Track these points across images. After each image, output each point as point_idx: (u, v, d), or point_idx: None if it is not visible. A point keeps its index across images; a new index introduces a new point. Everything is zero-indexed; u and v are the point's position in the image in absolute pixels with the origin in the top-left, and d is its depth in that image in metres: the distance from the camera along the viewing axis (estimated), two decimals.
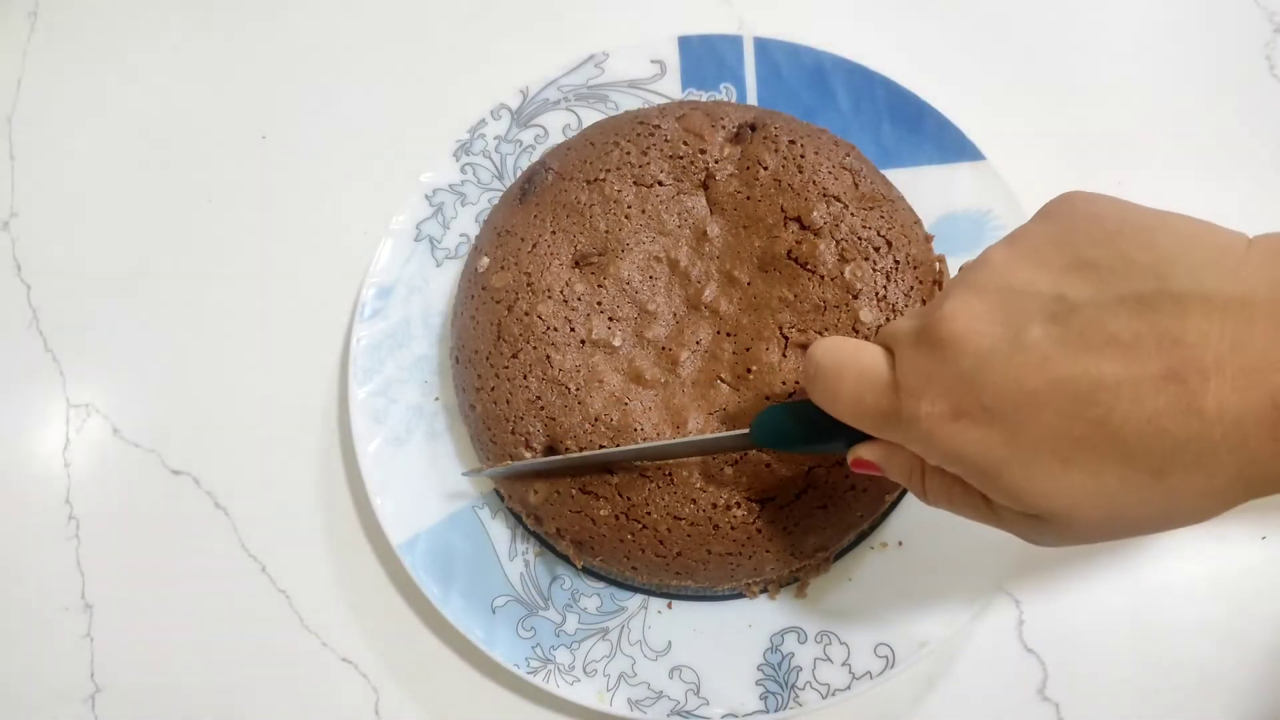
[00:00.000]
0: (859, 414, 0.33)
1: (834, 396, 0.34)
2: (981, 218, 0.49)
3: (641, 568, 0.43)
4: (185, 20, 0.61)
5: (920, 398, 0.30)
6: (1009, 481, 0.28)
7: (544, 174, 0.49)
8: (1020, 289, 0.28)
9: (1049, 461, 0.27)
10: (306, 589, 0.50)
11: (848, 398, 0.33)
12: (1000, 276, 0.29)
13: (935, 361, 0.29)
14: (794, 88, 0.53)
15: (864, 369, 0.32)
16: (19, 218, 0.58)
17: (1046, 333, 0.27)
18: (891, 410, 0.31)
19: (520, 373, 0.45)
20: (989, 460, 0.28)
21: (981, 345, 0.28)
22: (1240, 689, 0.45)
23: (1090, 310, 0.27)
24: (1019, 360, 0.27)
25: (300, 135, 0.59)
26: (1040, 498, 0.28)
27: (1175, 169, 0.54)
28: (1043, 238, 0.29)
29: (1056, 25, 0.58)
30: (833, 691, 0.43)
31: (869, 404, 0.32)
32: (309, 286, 0.55)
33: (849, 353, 0.33)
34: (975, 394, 0.28)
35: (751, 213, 0.46)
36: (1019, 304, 0.28)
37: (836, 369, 0.33)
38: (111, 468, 0.52)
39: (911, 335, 0.31)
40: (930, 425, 0.29)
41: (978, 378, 0.28)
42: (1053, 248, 0.28)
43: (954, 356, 0.29)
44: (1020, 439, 0.28)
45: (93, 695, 0.48)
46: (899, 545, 0.46)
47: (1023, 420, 0.27)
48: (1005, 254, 0.30)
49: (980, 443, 0.28)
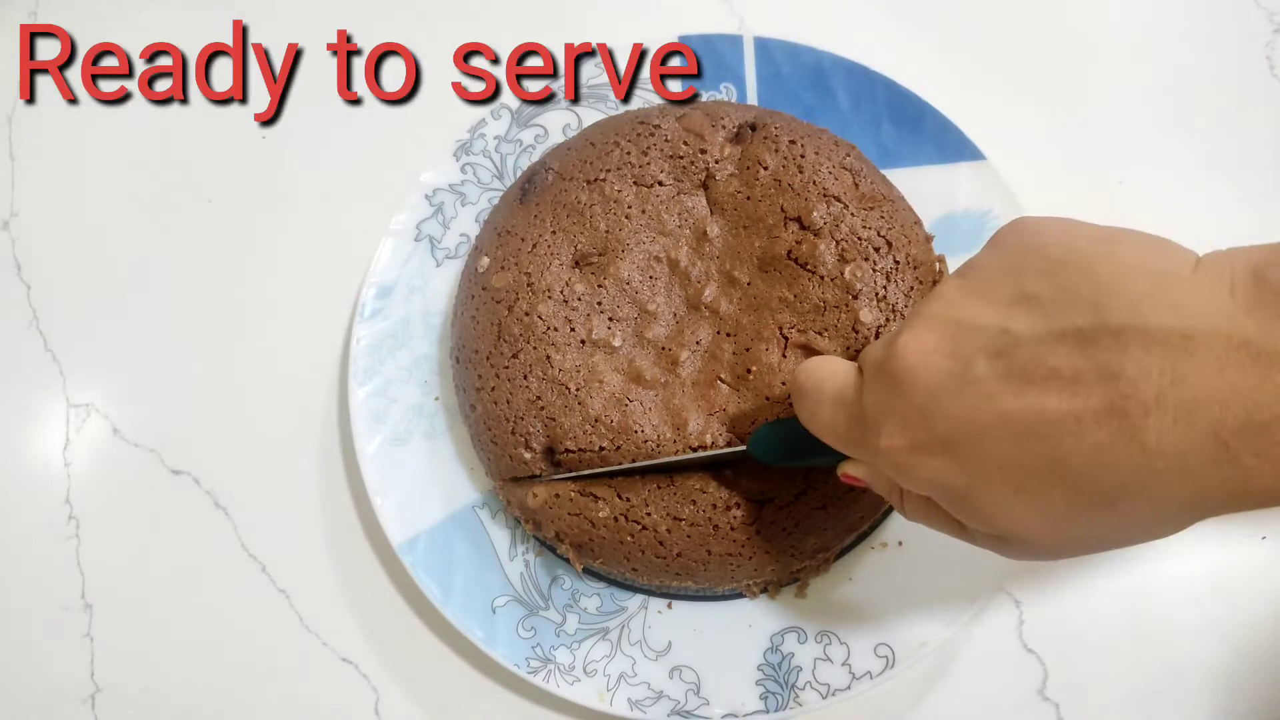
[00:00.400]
0: (835, 438, 0.34)
1: (813, 419, 0.35)
2: (981, 218, 0.49)
3: (642, 569, 0.43)
4: (185, 20, 0.61)
5: (880, 430, 0.30)
6: (970, 507, 0.29)
7: (544, 174, 0.49)
8: (968, 322, 0.29)
9: (1003, 490, 0.28)
10: (306, 589, 0.50)
11: (824, 421, 0.34)
12: (950, 309, 0.29)
13: (891, 394, 0.30)
14: (794, 88, 0.53)
15: (839, 395, 0.33)
16: (19, 218, 0.58)
17: (991, 367, 0.27)
18: (861, 438, 0.32)
19: (520, 373, 0.45)
20: (950, 488, 0.29)
21: (932, 380, 0.29)
22: (1240, 689, 0.45)
23: (1032, 345, 0.27)
24: (968, 394, 0.28)
25: (301, 135, 0.59)
26: (1000, 522, 0.29)
27: (1175, 169, 0.54)
28: (991, 269, 0.29)
29: (1057, 25, 0.58)
30: (833, 691, 0.43)
31: (842, 429, 0.33)
32: (309, 286, 0.55)
33: (826, 376, 0.34)
34: (930, 427, 0.29)
35: (752, 213, 0.46)
36: (966, 337, 0.28)
37: (817, 392, 0.34)
38: (111, 468, 0.52)
39: (873, 365, 0.31)
40: (892, 456, 0.30)
41: (930, 411, 0.29)
42: (1000, 279, 0.29)
43: (907, 390, 0.29)
44: (975, 469, 0.28)
45: (93, 695, 0.48)
46: (899, 545, 0.46)
47: (976, 451, 0.28)
48: (956, 286, 0.30)
49: (940, 472, 0.29)
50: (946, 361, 0.28)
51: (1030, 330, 0.27)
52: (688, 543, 0.42)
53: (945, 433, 0.28)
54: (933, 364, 0.29)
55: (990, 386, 0.27)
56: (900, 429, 0.30)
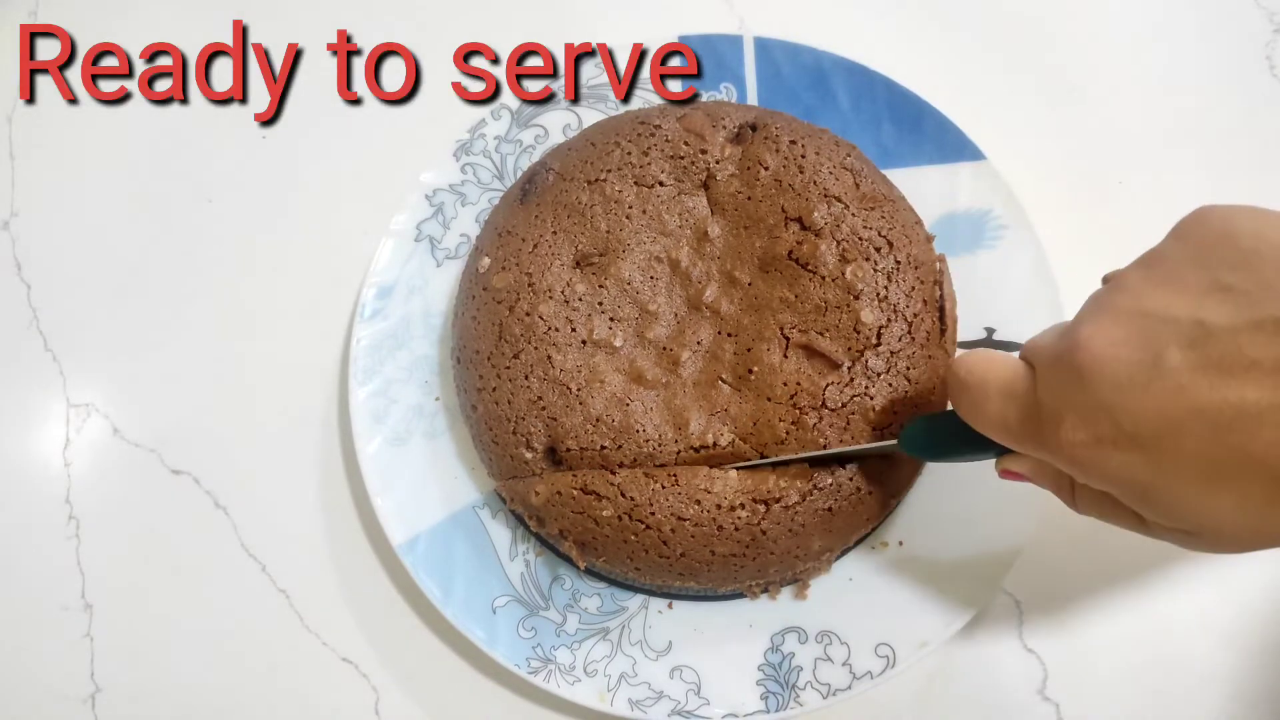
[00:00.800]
0: (1004, 433, 0.33)
1: (979, 414, 0.34)
2: (982, 218, 0.49)
3: (644, 568, 0.43)
4: (185, 20, 0.61)
5: (1061, 424, 0.30)
6: (1157, 501, 0.29)
7: (545, 174, 0.49)
8: (1157, 314, 0.28)
9: (1194, 484, 0.28)
10: (306, 589, 0.50)
11: (993, 416, 0.33)
12: (1136, 301, 0.29)
13: (1073, 387, 0.30)
14: (794, 88, 0.53)
15: (1007, 388, 0.33)
16: (19, 218, 0.58)
17: (1185, 359, 0.27)
18: (1036, 432, 0.32)
19: (521, 373, 0.45)
20: (1135, 482, 0.29)
21: (1120, 373, 0.28)
22: (1240, 689, 0.45)
23: (1229, 335, 0.27)
24: (1158, 387, 0.27)
25: (301, 135, 0.59)
26: (1189, 516, 0.29)
27: (1175, 169, 0.54)
28: (1178, 260, 0.29)
29: (1057, 25, 0.58)
30: (833, 691, 0.43)
31: (1013, 424, 0.33)
32: (309, 286, 0.55)
33: (993, 370, 0.34)
34: (1116, 421, 0.28)
35: (752, 213, 0.46)
36: (1156, 329, 0.28)
37: (981, 386, 0.34)
38: (111, 468, 0.52)
39: (1051, 357, 0.31)
40: (1074, 451, 0.30)
41: (1117, 405, 0.28)
42: (1189, 270, 0.28)
43: (1092, 383, 0.29)
44: (1164, 463, 0.28)
45: (93, 695, 0.48)
46: (899, 545, 0.46)
47: (1165, 446, 0.28)
48: (1141, 277, 0.30)
49: (1125, 467, 0.29)
50: (1136, 354, 0.28)
51: (1227, 321, 0.27)
52: (691, 543, 0.42)
53: (1133, 427, 0.28)
54: (1120, 356, 0.28)
55: (1183, 379, 0.27)
56: (1083, 423, 0.29)
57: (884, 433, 0.42)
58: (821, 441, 0.42)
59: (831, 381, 0.42)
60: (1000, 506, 0.44)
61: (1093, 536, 0.47)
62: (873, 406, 0.42)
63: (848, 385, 0.42)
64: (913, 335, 0.43)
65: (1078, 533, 0.47)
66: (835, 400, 0.42)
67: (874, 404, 0.42)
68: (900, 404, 0.42)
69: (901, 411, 0.42)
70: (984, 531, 0.45)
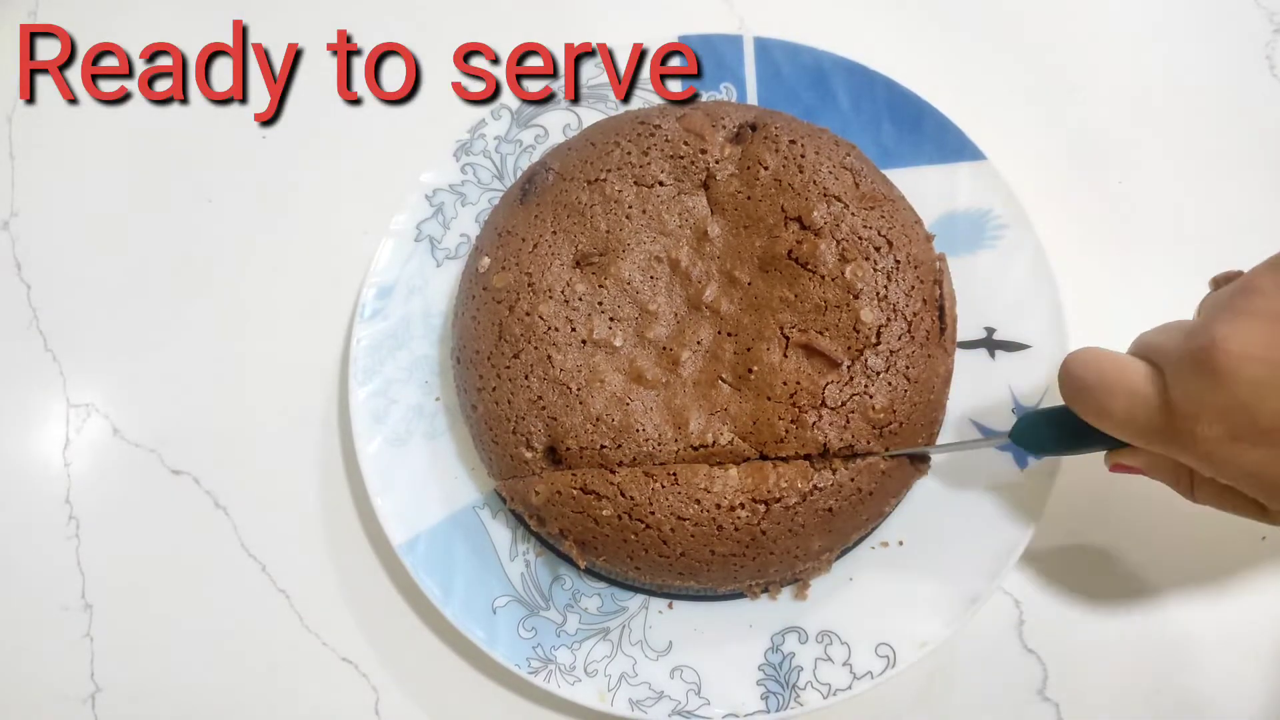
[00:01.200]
0: (1131, 431, 0.34)
1: (1104, 413, 0.35)
2: (981, 217, 0.49)
3: (644, 568, 0.43)
4: (185, 20, 0.61)
5: (1197, 421, 0.31)
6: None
7: (545, 174, 0.49)
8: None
9: None
10: (306, 589, 0.50)
11: (1119, 415, 0.34)
12: (1272, 303, 0.30)
13: (1209, 386, 0.30)
14: (794, 87, 0.53)
15: (1134, 388, 0.34)
16: (19, 218, 0.58)
17: None
18: (1166, 429, 0.32)
19: (521, 373, 0.45)
20: (1269, 478, 0.30)
21: (1259, 373, 0.29)
22: (1241, 689, 0.45)
23: None
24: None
25: (301, 135, 0.59)
26: None
27: (1175, 169, 0.54)
28: None
29: (1057, 25, 0.58)
30: (834, 691, 0.43)
31: (1141, 422, 0.33)
32: (309, 287, 0.55)
33: (1112, 369, 0.34)
34: (1253, 419, 0.29)
35: (752, 213, 0.46)
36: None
37: (1104, 386, 0.34)
38: (111, 468, 0.52)
39: (1182, 358, 0.32)
40: (1208, 447, 0.31)
41: (1255, 404, 0.29)
42: None
43: (1229, 382, 0.30)
44: None
45: (93, 695, 0.48)
46: (899, 545, 0.46)
47: None
48: (1274, 281, 0.30)
49: (1259, 463, 0.30)
50: (1274, 354, 0.29)
51: None
52: (691, 542, 0.42)
53: (1270, 424, 0.29)
54: (1258, 356, 0.29)
55: None
56: (1219, 419, 0.30)
57: (884, 431, 0.42)
58: (821, 440, 0.42)
59: (831, 380, 0.42)
60: (1000, 507, 0.44)
61: (1093, 537, 0.48)
62: (872, 405, 0.42)
63: (847, 384, 0.42)
64: (912, 334, 0.43)
65: (1078, 533, 0.47)
66: (835, 399, 0.42)
67: (874, 403, 0.42)
68: (900, 403, 0.42)
69: (901, 410, 0.42)
70: (984, 531, 0.45)
